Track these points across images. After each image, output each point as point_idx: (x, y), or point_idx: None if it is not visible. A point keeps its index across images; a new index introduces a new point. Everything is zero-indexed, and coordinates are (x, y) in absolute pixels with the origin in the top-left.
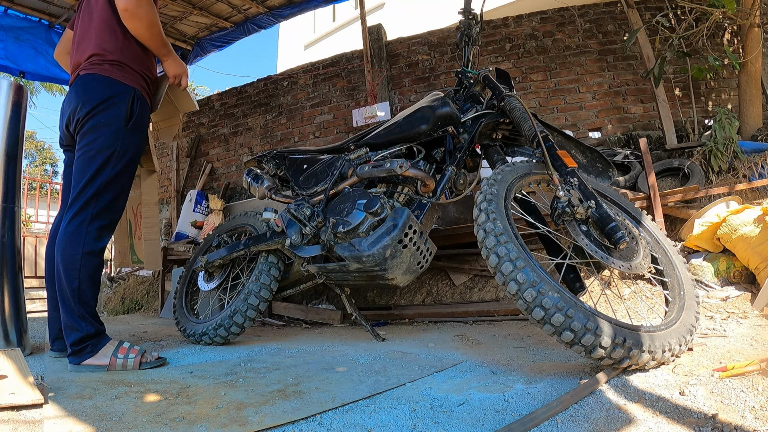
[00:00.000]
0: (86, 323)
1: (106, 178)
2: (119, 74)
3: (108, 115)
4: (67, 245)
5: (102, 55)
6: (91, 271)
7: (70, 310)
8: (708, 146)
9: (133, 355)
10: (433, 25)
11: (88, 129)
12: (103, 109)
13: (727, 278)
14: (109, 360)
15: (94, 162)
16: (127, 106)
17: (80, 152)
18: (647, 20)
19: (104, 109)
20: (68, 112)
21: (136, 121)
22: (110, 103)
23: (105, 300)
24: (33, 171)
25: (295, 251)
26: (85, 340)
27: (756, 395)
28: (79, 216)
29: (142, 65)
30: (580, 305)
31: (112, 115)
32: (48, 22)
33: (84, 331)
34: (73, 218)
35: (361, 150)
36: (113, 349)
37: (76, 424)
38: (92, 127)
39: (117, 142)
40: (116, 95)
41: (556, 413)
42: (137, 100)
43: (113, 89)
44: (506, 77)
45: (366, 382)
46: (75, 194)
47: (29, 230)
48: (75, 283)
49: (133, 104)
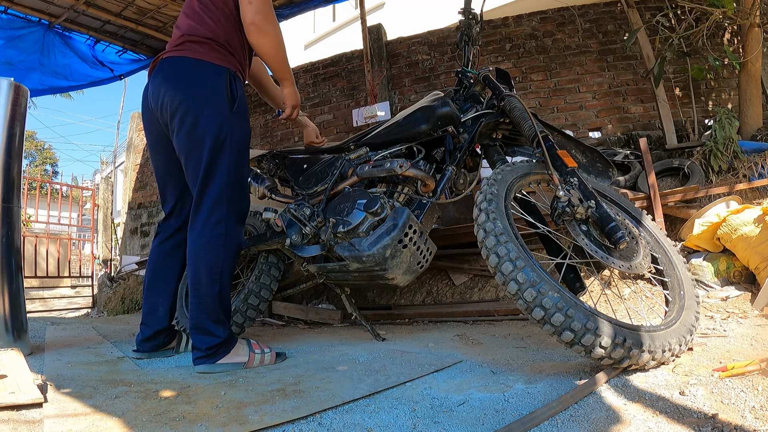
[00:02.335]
0: (224, 328)
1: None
2: (212, 55)
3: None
4: (208, 249)
5: (191, 36)
6: (230, 272)
7: (208, 316)
8: (708, 146)
9: (268, 350)
10: (433, 25)
11: (193, 121)
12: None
13: (727, 278)
14: (248, 357)
15: (205, 153)
16: (226, 87)
17: (188, 149)
18: (647, 20)
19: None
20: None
21: (241, 103)
22: (204, 85)
23: (105, 300)
24: (33, 171)
25: (295, 251)
26: (220, 344)
27: (756, 395)
28: (213, 216)
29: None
30: (580, 305)
31: (213, 99)
32: (48, 22)
33: (222, 336)
34: (208, 219)
35: (361, 150)
36: (247, 346)
37: (76, 423)
38: (195, 117)
39: (226, 127)
40: (209, 77)
41: (556, 413)
42: (234, 80)
43: (203, 69)
44: (506, 77)
45: (366, 381)
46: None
47: (29, 230)
48: (217, 288)
49: (231, 85)
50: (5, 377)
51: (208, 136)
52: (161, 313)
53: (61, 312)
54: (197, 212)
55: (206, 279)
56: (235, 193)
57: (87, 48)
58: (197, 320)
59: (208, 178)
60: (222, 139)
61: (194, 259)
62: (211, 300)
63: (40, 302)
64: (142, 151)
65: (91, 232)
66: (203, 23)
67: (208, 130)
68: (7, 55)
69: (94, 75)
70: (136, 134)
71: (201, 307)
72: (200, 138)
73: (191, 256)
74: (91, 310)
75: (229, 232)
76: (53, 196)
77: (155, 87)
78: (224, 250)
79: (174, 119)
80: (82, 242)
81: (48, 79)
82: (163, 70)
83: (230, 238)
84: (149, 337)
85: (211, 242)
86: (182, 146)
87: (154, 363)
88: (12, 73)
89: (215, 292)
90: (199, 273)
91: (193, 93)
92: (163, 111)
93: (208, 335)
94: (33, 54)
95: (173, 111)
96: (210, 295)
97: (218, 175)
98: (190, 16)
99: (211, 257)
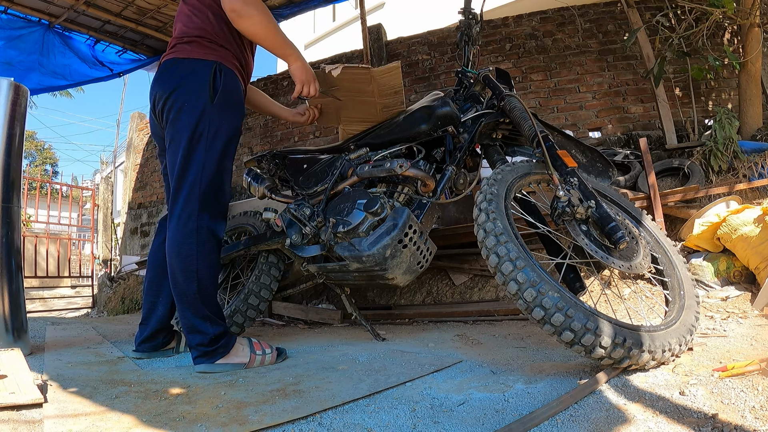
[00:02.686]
0: (212, 324)
1: (200, 162)
2: (199, 52)
3: (190, 95)
4: (180, 246)
5: (180, 38)
6: (210, 268)
7: (193, 314)
8: (708, 146)
9: (269, 350)
10: (433, 25)
11: (174, 116)
12: (184, 91)
13: (727, 278)
14: (249, 357)
15: (181, 148)
16: (209, 80)
17: (169, 143)
18: (647, 20)
19: (185, 91)
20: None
21: (224, 95)
22: (189, 82)
23: (105, 300)
24: (33, 171)
25: (295, 251)
26: (214, 341)
27: (756, 395)
28: (185, 211)
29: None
30: (580, 305)
31: (195, 94)
32: (48, 22)
33: (211, 333)
34: (180, 215)
35: (361, 150)
36: (249, 346)
37: (76, 423)
38: (177, 113)
39: (204, 121)
40: (194, 73)
41: (556, 413)
42: (220, 72)
43: (192, 68)
44: (506, 77)
45: (366, 381)
46: (173, 188)
47: (29, 230)
48: (194, 285)
49: (216, 78)
50: (5, 377)
51: (186, 128)
52: (161, 312)
53: (61, 312)
54: (173, 207)
55: (181, 276)
56: (211, 188)
57: (87, 48)
58: (184, 318)
59: (183, 172)
60: (200, 132)
61: (170, 258)
62: (191, 297)
63: (40, 302)
64: (142, 151)
65: (91, 232)
66: (191, 23)
67: (187, 122)
68: (6, 56)
69: (94, 75)
70: (136, 134)
71: (183, 305)
72: (179, 130)
73: (168, 254)
74: (91, 310)
75: (201, 227)
76: (53, 196)
77: (152, 89)
78: (197, 247)
79: (163, 116)
80: (82, 242)
81: (47, 80)
82: (158, 73)
83: (203, 234)
84: (149, 337)
85: (184, 238)
86: (167, 140)
87: (154, 363)
88: (11, 74)
89: (193, 290)
90: (175, 271)
91: (179, 89)
92: (157, 111)
93: (197, 333)
94: (33, 54)
95: (162, 108)
96: (188, 293)
97: (192, 168)
98: (181, 20)
99: (183, 253)
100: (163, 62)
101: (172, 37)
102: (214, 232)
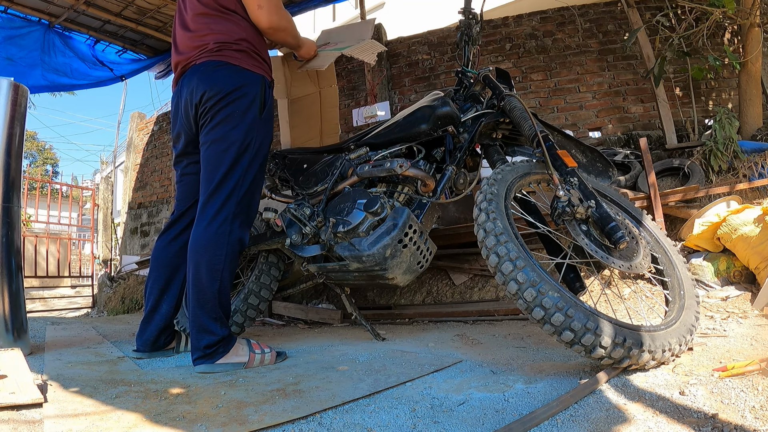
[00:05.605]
0: (221, 325)
1: (242, 171)
2: (249, 63)
3: (242, 104)
4: (210, 247)
5: (227, 43)
6: (232, 271)
7: (207, 313)
8: (708, 146)
9: (268, 350)
10: (433, 24)
11: (222, 120)
12: (237, 98)
13: (727, 278)
14: (249, 357)
15: (228, 154)
16: (260, 94)
17: (211, 144)
18: (647, 20)
19: (238, 98)
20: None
21: (269, 110)
22: (243, 92)
23: (105, 300)
24: (33, 171)
25: (295, 251)
26: (218, 342)
27: (756, 395)
28: (221, 214)
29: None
30: (580, 305)
31: (246, 105)
32: (48, 22)
33: (220, 334)
34: (215, 217)
35: (361, 150)
36: (248, 346)
37: (76, 423)
38: (226, 117)
39: (252, 132)
40: (248, 84)
41: (556, 413)
42: (269, 87)
43: (245, 78)
44: (506, 77)
45: (366, 381)
46: (210, 190)
47: (29, 230)
48: (217, 285)
49: (265, 93)
50: (5, 377)
51: (236, 136)
52: (165, 311)
53: (61, 312)
54: (206, 208)
55: (207, 276)
56: (246, 197)
57: (87, 48)
58: (196, 317)
59: (225, 177)
60: (248, 142)
61: (196, 256)
62: (211, 297)
63: (40, 302)
64: (142, 151)
65: (91, 232)
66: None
67: (237, 130)
68: (8, 52)
69: (95, 74)
70: (136, 134)
71: (200, 304)
72: (226, 136)
73: (193, 252)
74: (91, 310)
75: (234, 231)
76: (53, 196)
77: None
78: (227, 249)
79: (205, 114)
80: (82, 242)
81: (50, 75)
82: (203, 71)
83: (234, 239)
84: (149, 336)
85: (215, 239)
86: (207, 140)
87: (154, 363)
88: (13, 69)
89: (215, 289)
90: (200, 270)
91: (232, 94)
92: (198, 107)
93: (207, 333)
94: (34, 51)
95: (207, 107)
96: (210, 292)
97: (235, 175)
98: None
99: (213, 254)
100: (206, 62)
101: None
102: (242, 239)
